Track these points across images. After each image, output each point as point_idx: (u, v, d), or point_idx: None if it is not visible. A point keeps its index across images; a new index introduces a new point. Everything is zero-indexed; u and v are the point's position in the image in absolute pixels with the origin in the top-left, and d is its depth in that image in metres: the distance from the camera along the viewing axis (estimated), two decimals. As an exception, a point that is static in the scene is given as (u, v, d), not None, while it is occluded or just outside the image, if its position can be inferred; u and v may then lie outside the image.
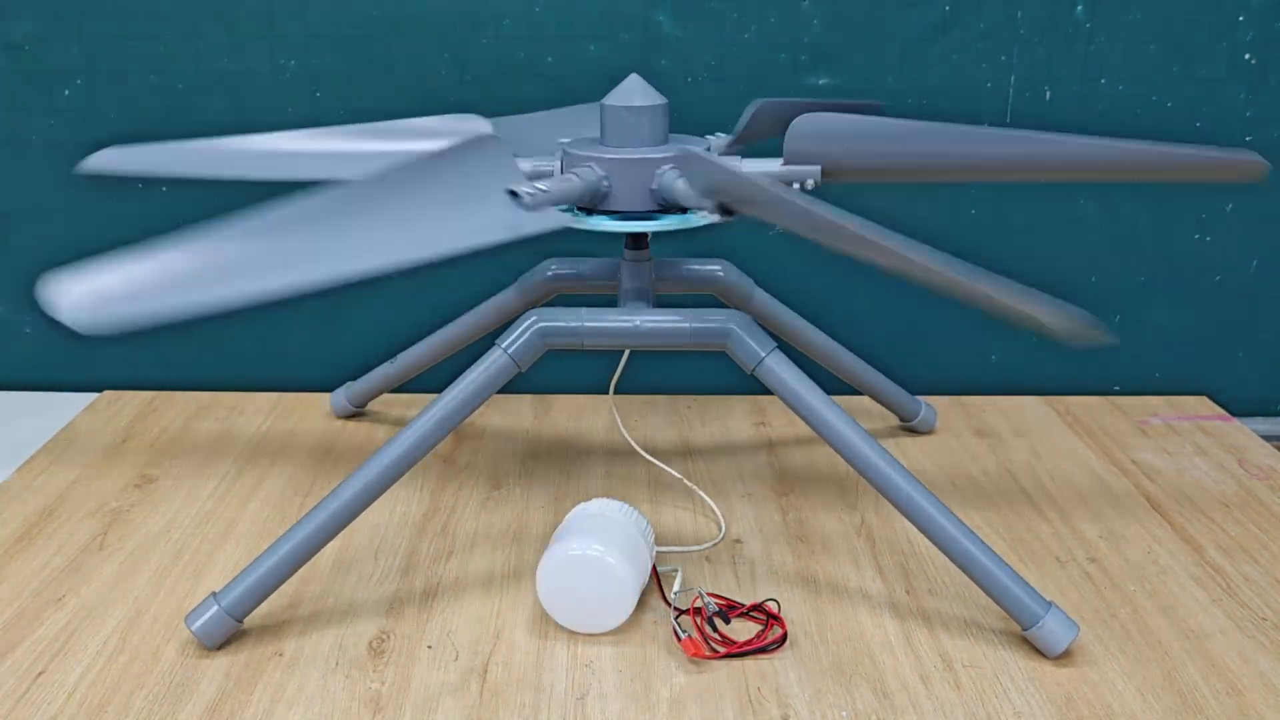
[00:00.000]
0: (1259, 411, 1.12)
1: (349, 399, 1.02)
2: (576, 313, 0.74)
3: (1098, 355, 1.11)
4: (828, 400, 0.72)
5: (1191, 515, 0.88)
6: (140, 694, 0.66)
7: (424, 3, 0.99)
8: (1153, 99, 1.02)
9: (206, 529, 0.84)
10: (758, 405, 1.06)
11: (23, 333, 1.10)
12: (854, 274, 1.07)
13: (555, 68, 1.00)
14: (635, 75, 0.76)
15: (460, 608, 0.75)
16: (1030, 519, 0.87)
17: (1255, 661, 0.70)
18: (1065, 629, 0.69)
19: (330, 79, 1.01)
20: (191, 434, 1.00)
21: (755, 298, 0.89)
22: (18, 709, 0.65)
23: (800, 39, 1.00)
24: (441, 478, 0.93)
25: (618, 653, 0.70)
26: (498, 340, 0.73)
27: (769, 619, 0.73)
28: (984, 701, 0.66)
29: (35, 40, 1.00)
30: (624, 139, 0.75)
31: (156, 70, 1.01)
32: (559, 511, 0.86)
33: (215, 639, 0.70)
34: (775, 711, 0.65)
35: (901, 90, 1.01)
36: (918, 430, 1.01)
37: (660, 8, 0.99)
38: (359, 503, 0.71)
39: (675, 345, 0.74)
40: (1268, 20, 1.00)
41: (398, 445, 0.71)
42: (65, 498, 0.89)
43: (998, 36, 1.00)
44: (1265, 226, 1.07)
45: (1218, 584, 0.79)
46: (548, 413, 1.05)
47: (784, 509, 0.88)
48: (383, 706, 0.65)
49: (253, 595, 0.70)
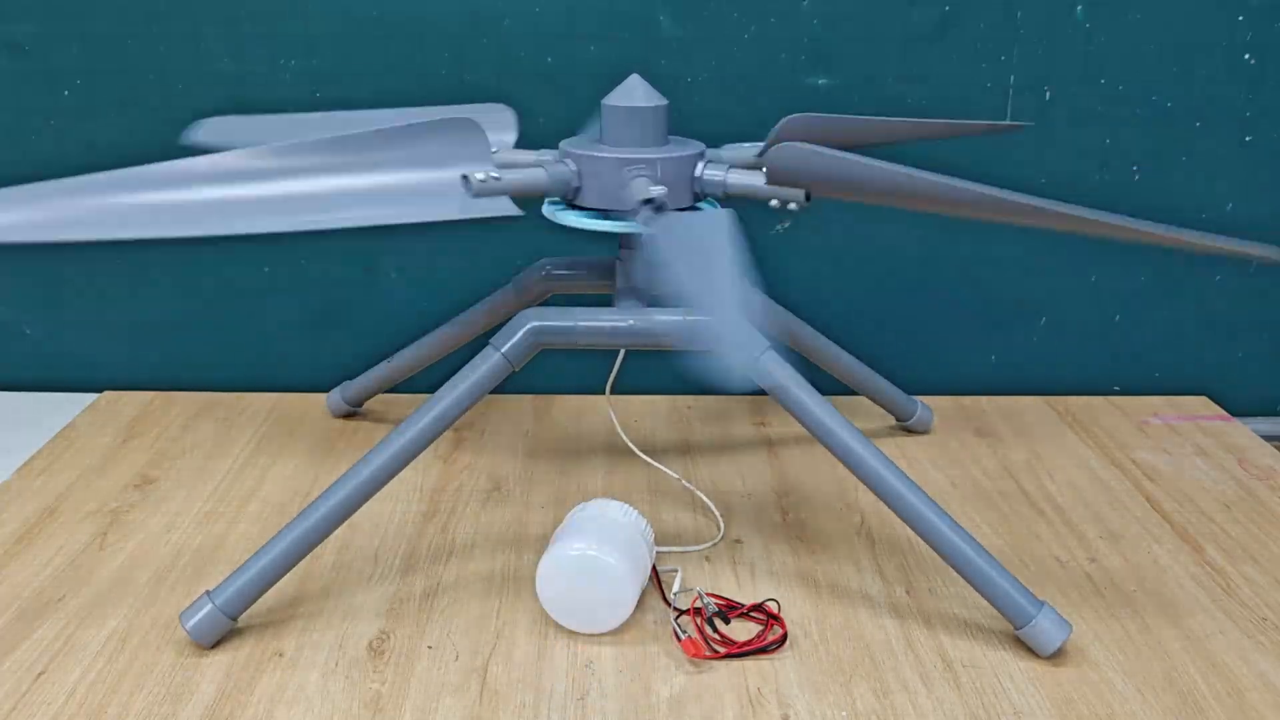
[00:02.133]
0: (1259, 411, 1.13)
1: (345, 398, 1.02)
2: (570, 312, 0.74)
3: (1098, 355, 1.11)
4: (821, 399, 0.72)
5: (1191, 515, 0.88)
6: (140, 694, 0.66)
7: (424, 3, 0.99)
8: (1153, 99, 1.02)
9: (206, 529, 0.84)
10: (758, 405, 1.06)
11: (23, 333, 1.10)
12: (853, 274, 1.08)
13: (555, 68, 1.00)
14: (636, 76, 0.76)
15: (460, 608, 0.75)
16: (1030, 519, 0.87)
17: (1255, 661, 0.70)
18: (1058, 628, 0.69)
19: (330, 79, 1.01)
20: (191, 434, 1.00)
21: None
22: (18, 709, 0.65)
23: (800, 39, 1.00)
24: (441, 478, 0.93)
25: (618, 653, 0.70)
26: (492, 340, 0.73)
27: (769, 619, 0.73)
28: (984, 701, 0.66)
29: (35, 40, 1.00)
30: (620, 139, 0.75)
31: (156, 70, 1.01)
32: (559, 511, 0.86)
33: (209, 637, 0.70)
34: (775, 711, 0.65)
35: (901, 90, 1.01)
36: (914, 430, 1.01)
37: (660, 8, 0.99)
38: (353, 502, 0.71)
39: (669, 345, 0.74)
40: (1268, 20, 1.00)
41: (391, 445, 0.71)
42: (65, 498, 0.89)
43: (998, 36, 1.00)
44: (1265, 226, 1.07)
45: (1218, 584, 0.79)
46: (548, 413, 1.06)
47: (784, 509, 0.88)
48: (383, 707, 0.65)
49: (246, 594, 0.70)
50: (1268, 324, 1.11)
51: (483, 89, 1.00)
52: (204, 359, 1.10)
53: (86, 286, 1.08)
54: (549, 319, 0.73)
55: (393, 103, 1.00)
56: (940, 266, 1.07)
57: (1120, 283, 1.09)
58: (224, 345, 1.10)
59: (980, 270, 1.08)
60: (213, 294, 1.08)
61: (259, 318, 1.09)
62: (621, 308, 0.77)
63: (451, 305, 0.94)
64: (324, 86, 1.01)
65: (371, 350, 1.02)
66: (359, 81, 1.01)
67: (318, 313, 1.08)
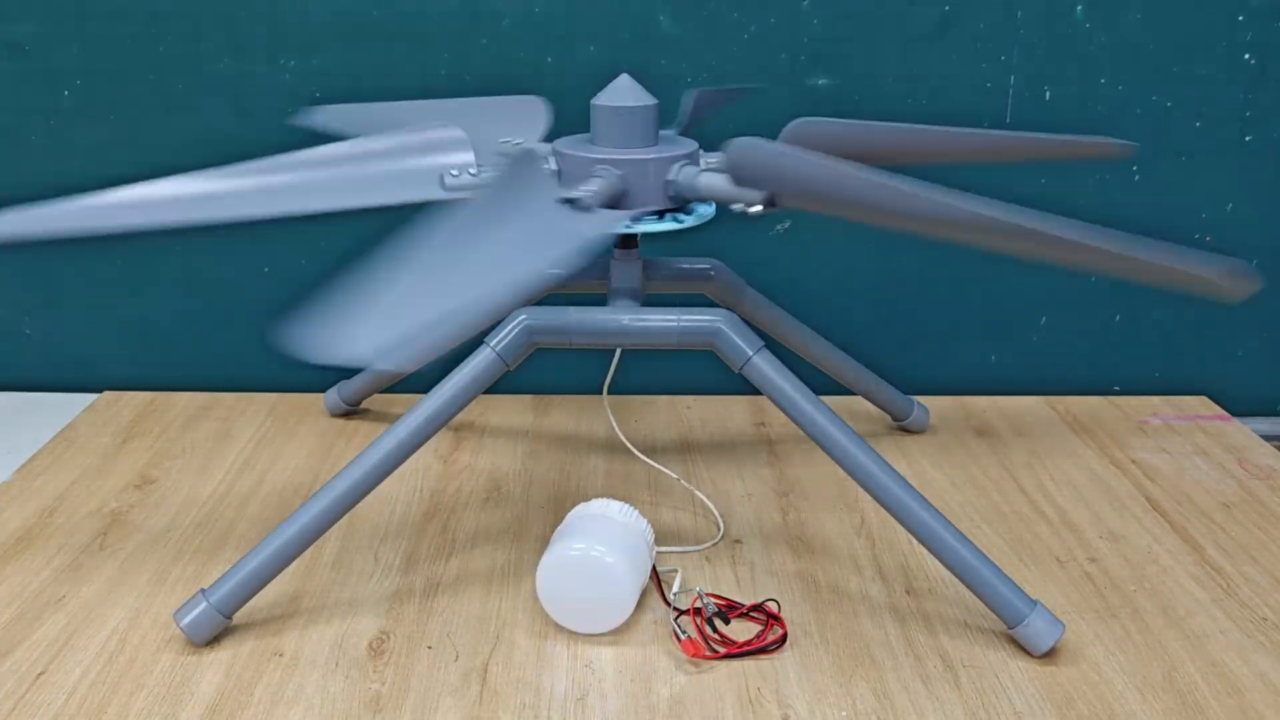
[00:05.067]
0: (1259, 411, 1.12)
1: (342, 398, 1.02)
2: (564, 311, 0.74)
3: (1098, 355, 1.11)
4: (814, 398, 0.72)
5: (1191, 515, 0.88)
6: (140, 694, 0.66)
7: (424, 3, 0.99)
8: (1153, 99, 1.02)
9: (206, 529, 0.84)
10: (758, 405, 1.06)
11: (23, 333, 1.10)
12: (852, 274, 1.08)
13: (555, 68, 1.00)
14: (626, 75, 0.76)
15: (460, 608, 0.75)
16: (1030, 519, 0.87)
17: (1255, 661, 0.70)
18: (1051, 627, 0.69)
19: (330, 79, 1.01)
20: (191, 434, 1.00)
21: (746, 297, 0.89)
22: (18, 709, 0.65)
23: (800, 39, 1.00)
24: (441, 478, 0.93)
25: (618, 653, 0.70)
26: (486, 338, 0.73)
27: (769, 619, 0.73)
28: (984, 701, 0.66)
29: (35, 40, 1.00)
30: (608, 138, 0.75)
31: (156, 70, 1.01)
32: (559, 511, 0.86)
33: (204, 635, 0.70)
34: (775, 711, 0.65)
35: (901, 90, 1.01)
36: (911, 430, 1.01)
37: (660, 8, 0.99)
38: (347, 501, 0.71)
39: (663, 344, 0.74)
40: (1268, 20, 1.00)
41: (385, 444, 0.71)
42: (65, 498, 0.89)
43: (998, 36, 1.00)
44: (1265, 226, 1.07)
45: (1218, 584, 0.79)
46: (547, 413, 1.05)
47: (784, 509, 0.88)
48: (383, 706, 0.65)
49: (241, 592, 0.70)
50: (1268, 324, 1.11)
51: (483, 89, 1.00)
52: (204, 359, 1.10)
53: (86, 286, 1.08)
54: (543, 318, 0.73)
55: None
56: (940, 266, 1.07)
57: (1120, 283, 1.09)
58: (224, 345, 1.10)
59: (980, 270, 1.08)
60: (213, 294, 1.08)
61: (259, 318, 1.09)
62: (615, 307, 0.77)
63: (451, 305, 0.94)
64: (324, 86, 1.01)
65: (371, 350, 1.02)
66: (359, 81, 1.00)
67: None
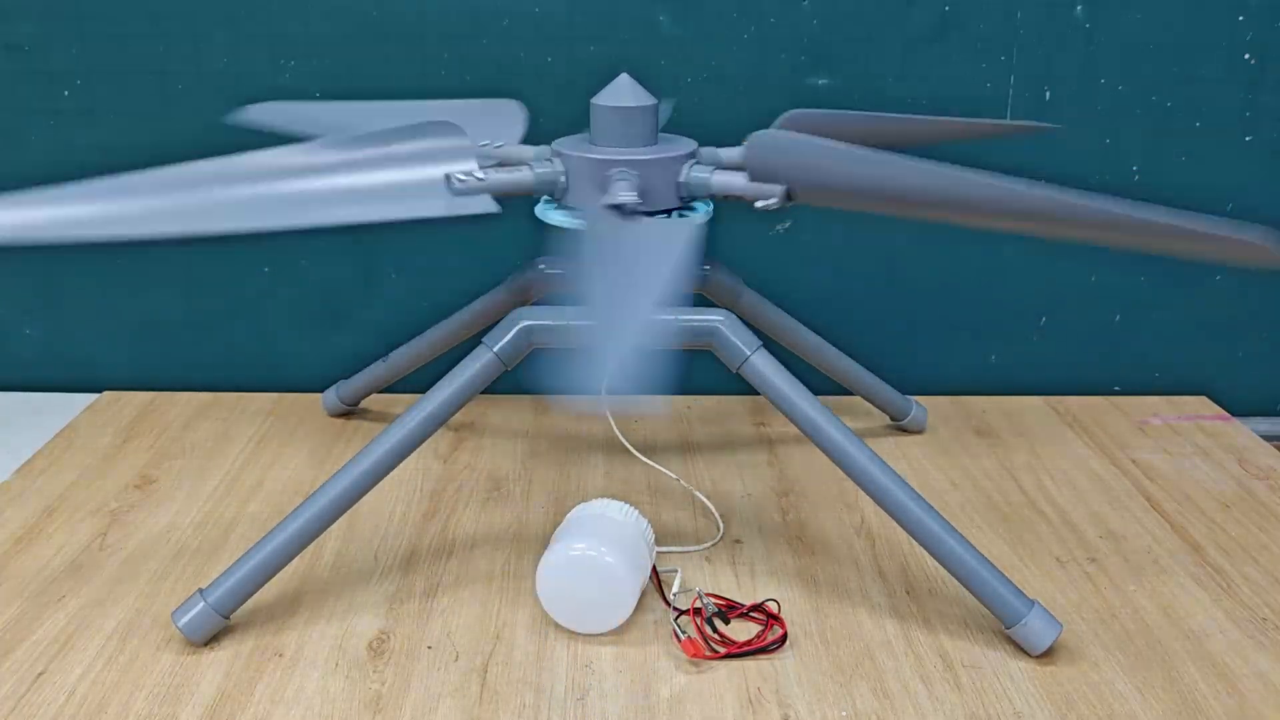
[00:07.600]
0: (1259, 411, 1.12)
1: (340, 398, 1.02)
2: (562, 311, 0.74)
3: (1098, 355, 1.11)
4: (812, 398, 0.72)
5: (1191, 515, 0.88)
6: (140, 694, 0.66)
7: (424, 3, 0.99)
8: (1153, 99, 1.02)
9: (206, 529, 0.84)
10: (758, 406, 1.06)
11: (23, 333, 1.10)
12: (851, 274, 1.08)
13: (555, 67, 1.00)
14: (625, 75, 0.76)
15: (460, 608, 0.75)
16: (1030, 519, 0.87)
17: (1255, 661, 0.70)
18: (1048, 627, 0.69)
19: (330, 79, 1.01)
20: (191, 434, 1.00)
21: (744, 297, 0.89)
22: (18, 709, 0.65)
23: (800, 39, 1.00)
24: (441, 478, 0.93)
25: (618, 653, 0.70)
26: (484, 339, 0.73)
27: (769, 619, 0.73)
28: (984, 701, 0.66)
29: (35, 40, 1.00)
30: (608, 138, 0.75)
31: (156, 70, 1.01)
32: (559, 511, 0.86)
33: (201, 635, 0.70)
34: (775, 711, 0.65)
35: (901, 90, 1.01)
36: (909, 429, 1.01)
37: (660, 8, 0.99)
38: (345, 501, 0.71)
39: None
40: (1268, 20, 1.00)
41: (383, 444, 0.71)
42: (65, 498, 0.89)
43: (998, 37, 1.00)
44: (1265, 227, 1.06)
45: (1218, 584, 0.79)
46: (547, 413, 1.05)
47: (784, 509, 0.88)
48: (383, 707, 0.65)
49: (239, 591, 0.70)
50: (1268, 324, 1.11)
51: (483, 89, 1.00)
52: (204, 359, 1.10)
53: (86, 286, 1.08)
54: (541, 318, 0.73)
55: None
56: (940, 266, 1.07)
57: (1120, 283, 1.09)
58: (224, 345, 1.10)
59: (980, 269, 1.08)
60: (213, 294, 1.08)
61: (259, 318, 1.09)
62: None
63: (450, 305, 0.94)
64: (324, 86, 1.01)
65: (371, 350, 1.02)
66: (359, 81, 1.00)
67: (317, 313, 1.08)
